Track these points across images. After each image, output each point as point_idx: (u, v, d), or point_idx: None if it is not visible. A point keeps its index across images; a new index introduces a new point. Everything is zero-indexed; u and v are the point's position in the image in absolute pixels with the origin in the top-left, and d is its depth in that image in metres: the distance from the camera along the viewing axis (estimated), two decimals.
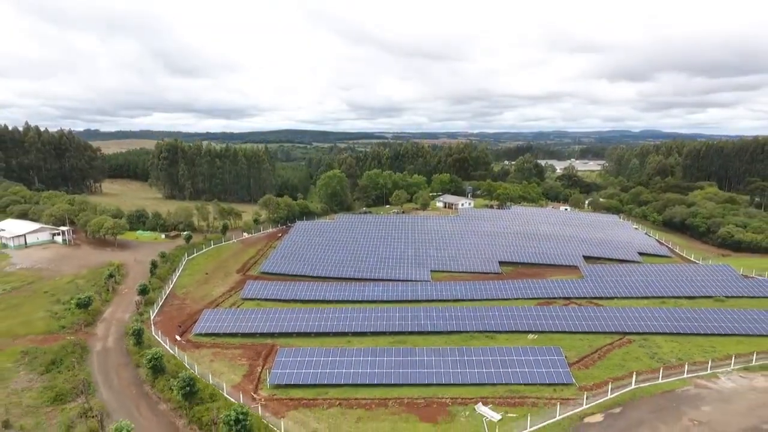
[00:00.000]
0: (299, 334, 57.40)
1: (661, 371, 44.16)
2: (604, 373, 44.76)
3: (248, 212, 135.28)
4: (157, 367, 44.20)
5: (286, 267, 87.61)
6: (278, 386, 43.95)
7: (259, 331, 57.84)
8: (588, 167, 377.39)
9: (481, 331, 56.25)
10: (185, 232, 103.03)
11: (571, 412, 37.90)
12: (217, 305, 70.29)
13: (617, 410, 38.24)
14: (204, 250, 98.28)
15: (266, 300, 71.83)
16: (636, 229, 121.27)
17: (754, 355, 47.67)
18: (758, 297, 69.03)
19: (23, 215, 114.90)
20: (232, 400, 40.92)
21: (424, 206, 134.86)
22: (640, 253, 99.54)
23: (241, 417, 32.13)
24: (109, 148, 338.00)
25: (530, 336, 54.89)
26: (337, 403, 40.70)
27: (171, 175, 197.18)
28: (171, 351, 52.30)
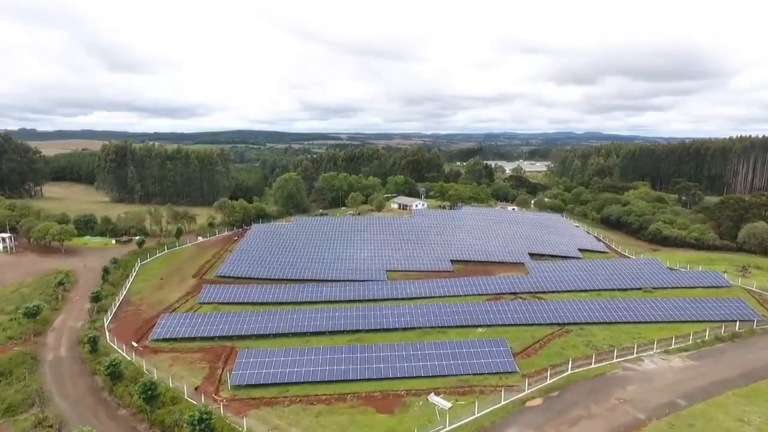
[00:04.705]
0: (258, 336, 58.55)
1: (594, 357, 48.92)
2: (545, 360, 49.01)
3: (202, 215, 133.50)
4: (115, 374, 44.42)
5: (243, 270, 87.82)
6: (239, 387, 45.29)
7: (218, 335, 58.57)
8: (535, 168, 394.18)
9: (434, 327, 59.49)
10: (137, 237, 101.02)
11: (514, 398, 41.66)
12: (174, 310, 70.01)
13: (555, 394, 42.37)
14: (158, 255, 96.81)
15: (224, 303, 72.17)
16: (577, 226, 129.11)
17: (673, 339, 53.51)
18: (680, 287, 76.27)
19: None
20: (193, 402, 41.91)
21: (379, 207, 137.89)
22: (581, 250, 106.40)
23: (204, 416, 33.53)
24: (47, 149, 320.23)
25: (479, 329, 58.66)
26: (298, 400, 42.65)
27: (119, 178, 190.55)
28: (128, 357, 52.30)
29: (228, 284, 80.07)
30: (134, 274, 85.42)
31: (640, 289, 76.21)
